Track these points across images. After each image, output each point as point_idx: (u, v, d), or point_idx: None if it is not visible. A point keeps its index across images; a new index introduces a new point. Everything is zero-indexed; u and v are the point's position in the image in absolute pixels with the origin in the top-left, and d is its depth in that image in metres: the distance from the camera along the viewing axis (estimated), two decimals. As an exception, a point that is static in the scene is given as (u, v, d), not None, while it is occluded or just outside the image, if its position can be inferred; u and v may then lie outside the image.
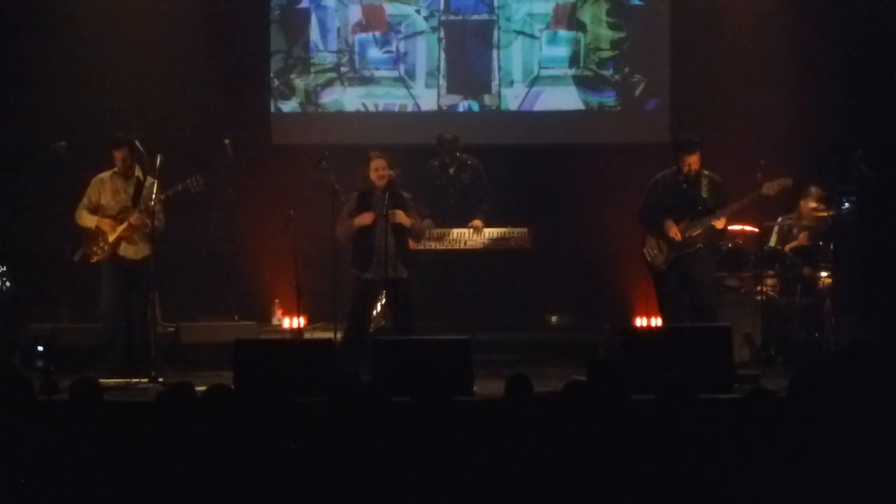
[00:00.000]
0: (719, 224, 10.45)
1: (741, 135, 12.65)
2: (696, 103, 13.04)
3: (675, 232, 10.46)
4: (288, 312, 12.42)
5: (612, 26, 13.53)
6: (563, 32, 13.56)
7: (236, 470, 5.97)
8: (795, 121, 12.78)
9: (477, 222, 11.86)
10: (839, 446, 6.16)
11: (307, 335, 11.60)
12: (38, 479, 6.17)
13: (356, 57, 13.60)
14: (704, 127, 11.80)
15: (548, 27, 13.54)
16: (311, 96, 13.65)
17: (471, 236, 11.82)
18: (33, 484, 6.17)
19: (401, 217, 10.36)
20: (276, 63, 13.61)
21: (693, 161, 10.44)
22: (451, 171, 12.22)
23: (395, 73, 13.61)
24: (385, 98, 13.63)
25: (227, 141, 11.92)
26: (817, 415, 6.36)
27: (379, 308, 11.24)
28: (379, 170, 10.40)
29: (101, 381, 9.05)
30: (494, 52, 13.56)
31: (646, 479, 5.97)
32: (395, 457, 6.04)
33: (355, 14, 13.61)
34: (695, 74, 13.24)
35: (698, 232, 10.46)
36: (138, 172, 10.65)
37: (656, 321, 11.30)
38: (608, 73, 13.57)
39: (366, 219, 10.38)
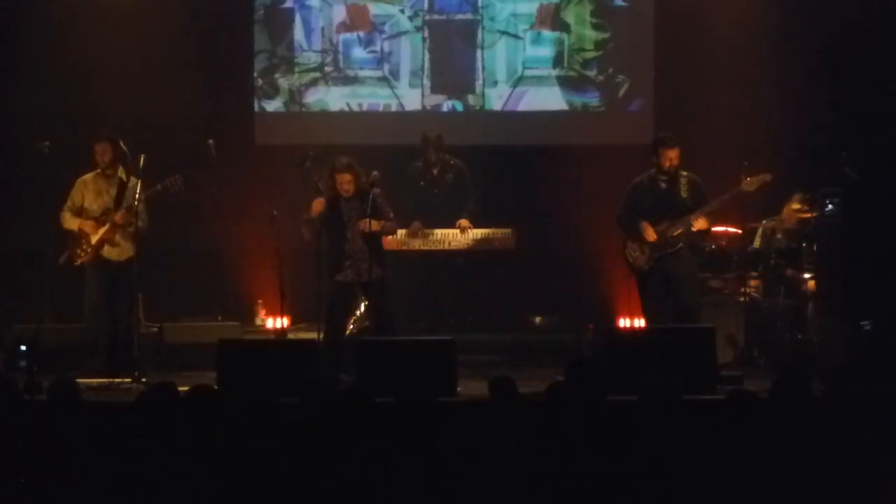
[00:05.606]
0: (697, 225, 10.41)
1: (725, 136, 12.64)
2: (679, 104, 13.03)
3: (649, 233, 10.42)
4: (271, 313, 12.40)
5: (595, 27, 13.52)
6: (547, 33, 13.55)
7: (219, 470, 5.96)
8: (779, 122, 12.79)
9: (464, 221, 11.83)
10: (820, 448, 6.17)
11: (290, 336, 11.58)
12: (20, 478, 6.17)
13: (340, 57, 13.58)
14: (687, 128, 11.77)
15: (532, 27, 13.54)
16: (295, 96, 13.63)
17: (455, 237, 11.81)
18: (16, 483, 6.17)
19: (365, 224, 10.28)
20: (259, 63, 13.59)
21: (673, 156, 10.36)
22: (435, 171, 12.18)
23: (379, 73, 13.60)
24: (369, 98, 13.62)
25: (210, 141, 11.85)
26: (799, 416, 6.38)
27: (363, 308, 11.25)
28: (343, 184, 10.35)
29: (85, 381, 9.12)
30: (478, 52, 13.55)
31: (629, 480, 5.98)
32: (379, 457, 6.04)
33: (339, 14, 13.59)
34: (678, 75, 13.24)
35: (679, 231, 10.40)
36: (121, 173, 10.63)
37: (639, 322, 11.30)
38: (592, 73, 13.56)
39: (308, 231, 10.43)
